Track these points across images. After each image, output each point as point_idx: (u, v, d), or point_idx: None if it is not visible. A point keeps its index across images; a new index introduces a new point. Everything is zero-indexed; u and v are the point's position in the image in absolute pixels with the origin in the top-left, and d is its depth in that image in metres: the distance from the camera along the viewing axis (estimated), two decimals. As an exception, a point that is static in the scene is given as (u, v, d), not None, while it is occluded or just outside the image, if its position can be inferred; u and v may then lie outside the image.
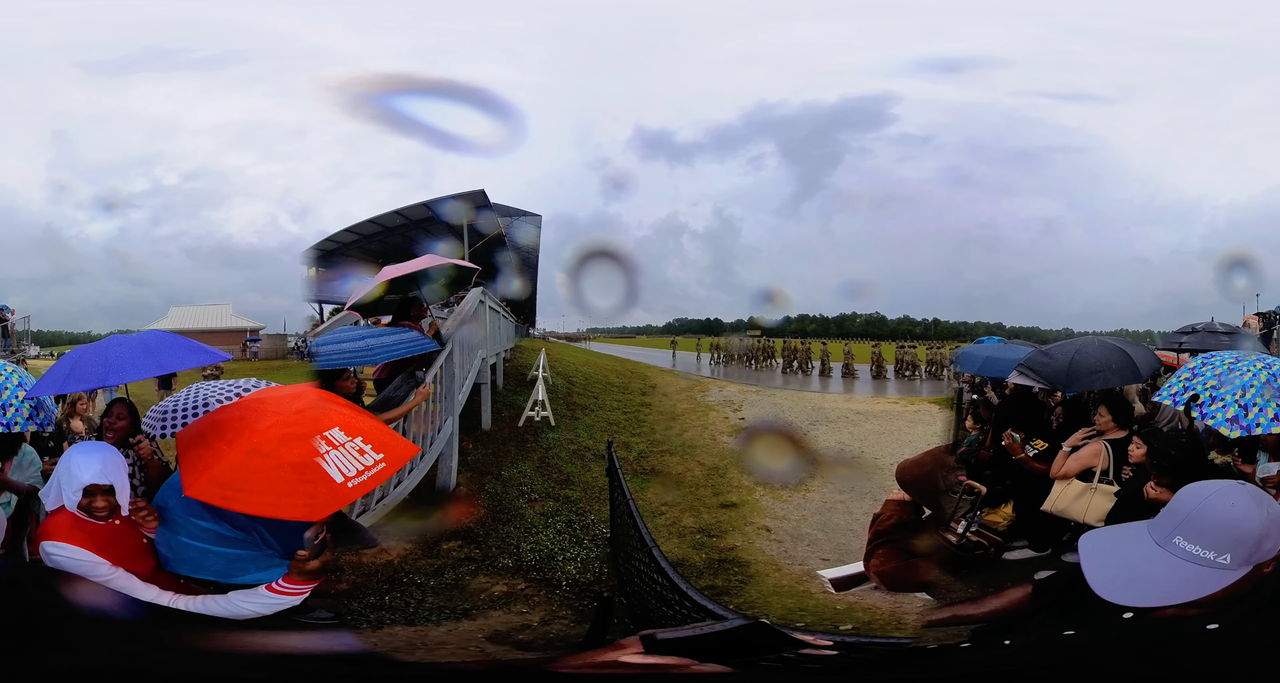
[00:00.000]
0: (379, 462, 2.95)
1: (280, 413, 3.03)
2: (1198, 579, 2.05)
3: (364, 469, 2.90)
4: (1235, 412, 3.69)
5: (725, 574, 5.72)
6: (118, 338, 3.80)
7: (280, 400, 3.20)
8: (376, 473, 2.93)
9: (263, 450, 2.86)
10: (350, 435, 2.97)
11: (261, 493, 2.78)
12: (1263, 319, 6.86)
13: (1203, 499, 2.15)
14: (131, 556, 2.96)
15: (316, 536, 2.89)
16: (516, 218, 8.94)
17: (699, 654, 2.53)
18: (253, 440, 2.89)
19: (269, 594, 2.87)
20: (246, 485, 2.79)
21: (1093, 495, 4.30)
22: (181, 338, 3.88)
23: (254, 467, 2.82)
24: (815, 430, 8.04)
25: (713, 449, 7.88)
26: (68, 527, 2.91)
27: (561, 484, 6.96)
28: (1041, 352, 5.03)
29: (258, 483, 2.79)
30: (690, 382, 9.63)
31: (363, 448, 2.95)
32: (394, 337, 5.36)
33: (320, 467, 2.83)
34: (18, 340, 7.53)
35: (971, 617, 2.95)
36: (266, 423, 2.97)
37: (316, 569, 2.88)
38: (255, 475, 2.80)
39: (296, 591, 2.89)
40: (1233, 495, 2.14)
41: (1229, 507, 2.11)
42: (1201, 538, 2.08)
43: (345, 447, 2.93)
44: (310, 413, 3.04)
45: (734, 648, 2.72)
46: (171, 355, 3.70)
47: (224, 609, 2.89)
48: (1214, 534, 2.08)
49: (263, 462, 2.83)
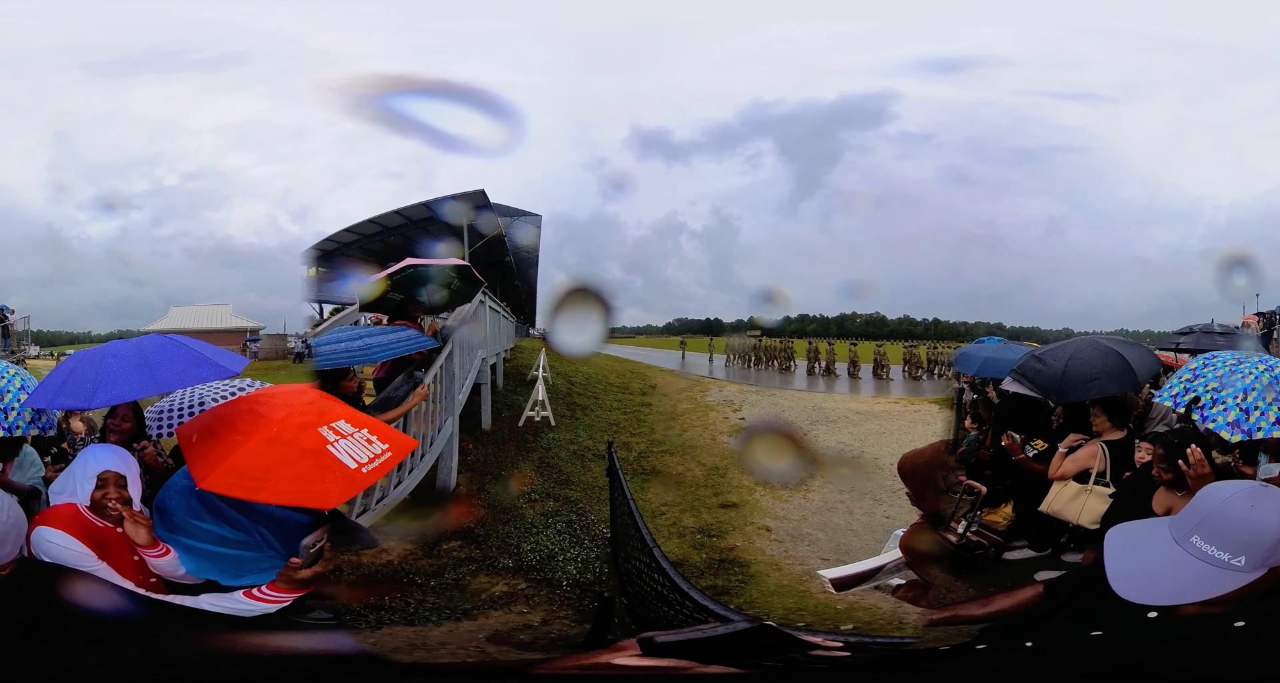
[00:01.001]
0: (386, 451, 3.00)
1: (293, 405, 3.07)
2: (1208, 579, 2.03)
3: (374, 457, 2.94)
4: (1236, 415, 3.65)
5: (726, 574, 5.73)
6: (114, 346, 3.49)
7: (289, 394, 3.25)
8: (385, 460, 2.98)
9: (283, 438, 2.86)
10: (356, 427, 3.02)
11: (285, 481, 2.77)
12: (1262, 319, 6.86)
13: (1224, 499, 2.13)
14: (122, 565, 2.94)
15: (315, 544, 2.81)
16: (517, 218, 8.94)
17: (701, 656, 2.52)
18: (271, 430, 2.90)
19: (244, 600, 2.80)
20: (268, 474, 2.77)
21: (1088, 497, 4.29)
22: (185, 347, 3.51)
23: (276, 455, 2.81)
24: (815, 430, 8.05)
25: (713, 449, 7.88)
26: (66, 518, 2.91)
27: (561, 484, 6.97)
28: (1035, 357, 4.84)
29: (281, 471, 2.78)
30: (690, 382, 9.63)
31: (370, 438, 3.00)
32: (391, 336, 5.36)
33: (333, 454, 2.85)
34: (18, 340, 7.53)
35: (976, 617, 2.93)
36: (283, 413, 2.99)
37: (306, 579, 2.81)
38: (277, 464, 2.79)
39: (278, 598, 2.80)
40: (1255, 497, 2.12)
41: (1249, 509, 2.08)
42: (1218, 538, 2.06)
43: (354, 437, 2.97)
44: (320, 405, 3.12)
45: (739, 650, 2.71)
46: (169, 372, 3.34)
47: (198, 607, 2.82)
48: (1231, 535, 2.06)
49: (285, 450, 2.83)
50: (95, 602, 2.72)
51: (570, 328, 6.47)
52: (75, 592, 2.69)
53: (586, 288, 6.42)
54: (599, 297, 6.40)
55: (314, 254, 8.23)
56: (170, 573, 3.05)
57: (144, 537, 2.96)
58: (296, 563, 2.79)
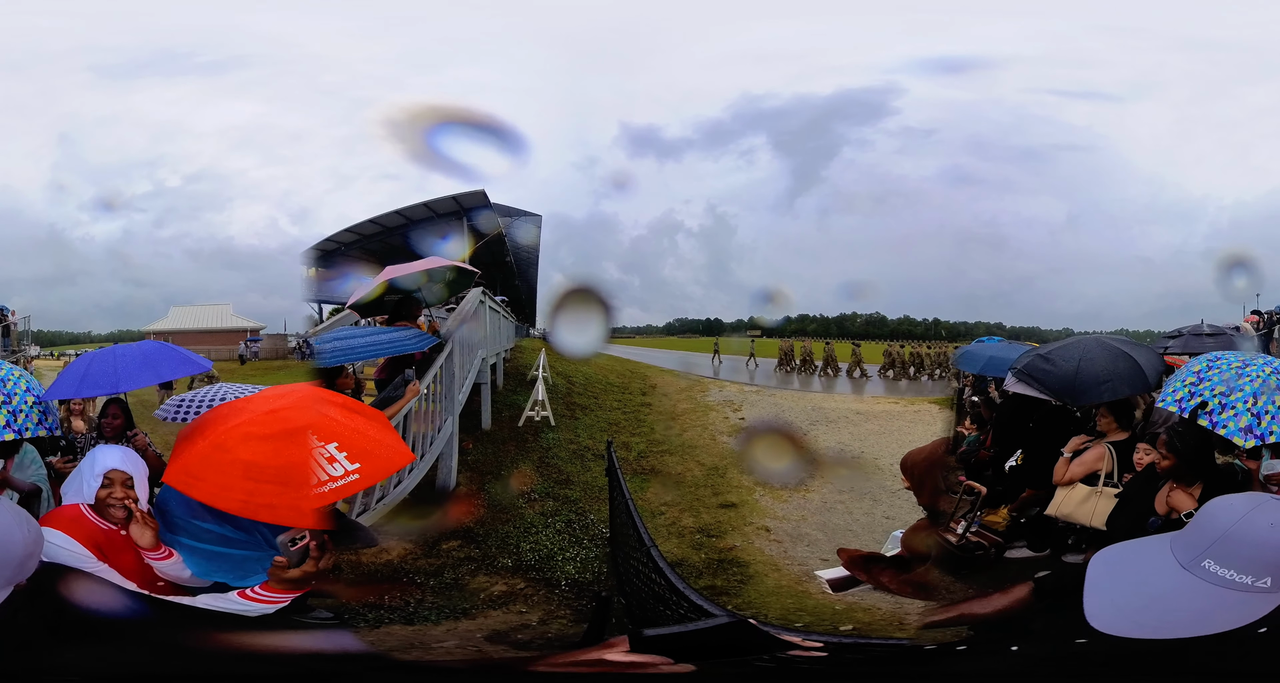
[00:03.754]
0: (350, 473, 2.85)
1: (251, 412, 3.07)
2: (1235, 606, 1.83)
3: (332, 478, 2.82)
4: (1249, 421, 3.56)
5: (724, 574, 5.72)
6: (121, 348, 4.52)
7: (261, 400, 3.24)
8: (342, 485, 2.83)
9: (225, 445, 2.90)
10: (324, 441, 2.88)
11: (212, 483, 2.85)
12: (1262, 319, 6.84)
13: (1239, 517, 1.93)
14: (125, 567, 2.96)
15: (293, 541, 2.77)
16: (517, 218, 8.95)
17: (686, 651, 2.52)
18: (219, 436, 2.95)
19: (238, 600, 2.80)
20: (202, 475, 2.86)
21: (1098, 499, 4.23)
22: (173, 349, 4.62)
23: (213, 460, 2.88)
24: (815, 430, 8.04)
25: (713, 449, 7.87)
26: (69, 520, 2.93)
27: (561, 484, 6.97)
28: (1042, 357, 4.69)
29: (210, 474, 2.86)
30: (690, 382, 9.61)
31: (334, 455, 2.86)
32: (390, 335, 5.38)
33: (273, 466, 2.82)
34: (18, 340, 7.56)
35: (974, 616, 2.91)
36: (235, 421, 3.01)
37: (297, 579, 2.79)
38: (210, 467, 2.87)
39: (272, 599, 2.79)
40: (1270, 512, 1.94)
41: (1268, 526, 1.89)
42: (1238, 561, 1.87)
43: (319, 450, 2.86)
44: (284, 414, 3.00)
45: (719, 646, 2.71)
46: (167, 366, 4.47)
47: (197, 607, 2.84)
48: (1251, 556, 1.87)
49: (220, 456, 2.87)
50: (95, 602, 2.74)
51: (570, 329, 6.47)
52: (75, 592, 2.71)
53: (585, 288, 6.42)
54: (598, 297, 6.40)
55: (314, 254, 8.25)
56: (175, 576, 3.06)
57: (149, 539, 2.98)
58: (282, 562, 2.77)
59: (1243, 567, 1.86)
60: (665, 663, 2.45)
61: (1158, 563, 1.96)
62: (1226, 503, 2.02)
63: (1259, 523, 1.91)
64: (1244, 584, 1.85)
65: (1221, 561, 1.89)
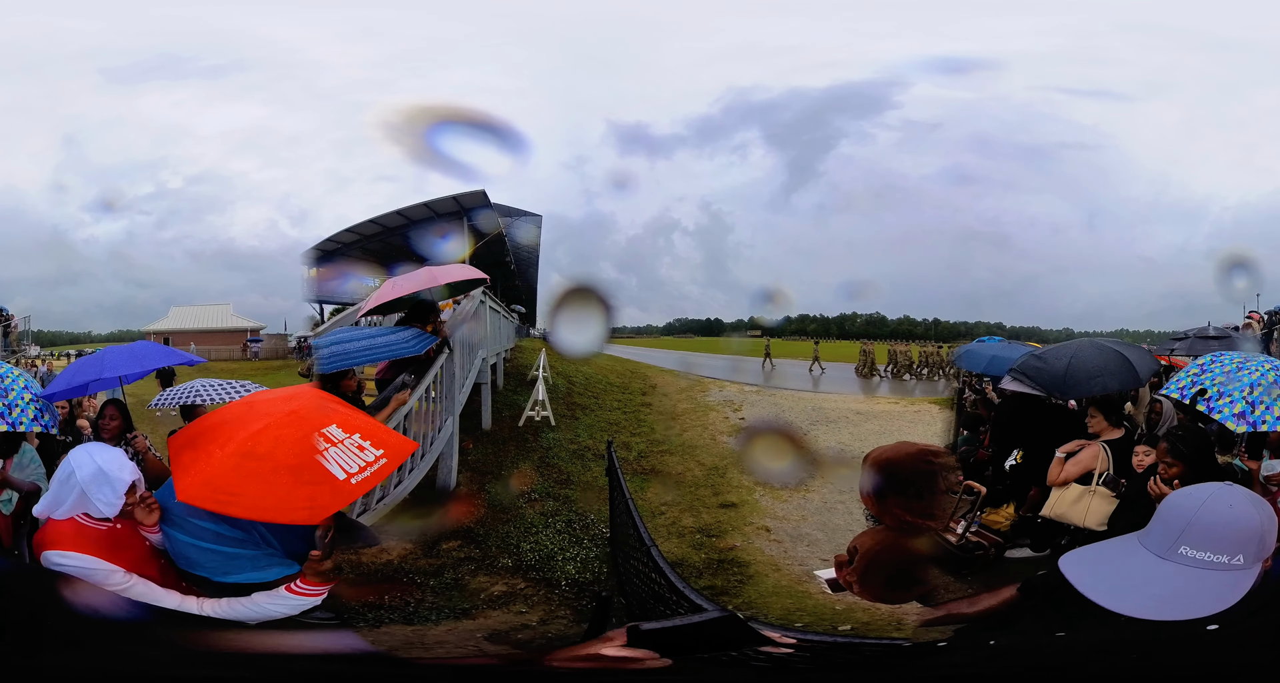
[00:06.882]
0: (380, 458, 2.92)
1: (272, 415, 2.99)
2: (1224, 585, 1.99)
3: (365, 465, 2.87)
4: (1243, 407, 3.75)
5: (724, 574, 5.72)
6: (113, 349, 5.03)
7: (272, 402, 3.18)
8: (379, 469, 2.90)
9: (256, 454, 2.81)
10: (348, 432, 2.93)
11: (257, 497, 2.74)
12: (1263, 319, 6.84)
13: (1200, 504, 2.11)
14: (140, 560, 2.94)
15: (325, 534, 2.87)
16: (517, 218, 8.94)
17: (680, 646, 2.53)
18: (246, 444, 2.85)
19: (289, 596, 2.86)
20: (241, 490, 2.74)
21: (1092, 498, 4.26)
22: (158, 346, 5.41)
23: (248, 470, 2.77)
24: (815, 430, 8.03)
25: (713, 449, 7.87)
26: (73, 535, 2.86)
27: (561, 484, 6.97)
28: (1035, 356, 4.88)
29: (253, 488, 2.75)
30: (690, 382, 9.61)
31: (362, 444, 2.92)
32: (392, 336, 5.37)
33: (321, 465, 2.80)
34: (17, 340, 7.58)
35: (967, 615, 2.93)
36: (259, 426, 2.93)
37: (329, 571, 2.88)
38: (249, 480, 2.76)
39: (315, 592, 2.88)
40: (1226, 496, 2.13)
41: (1228, 507, 2.08)
42: (1209, 542, 2.04)
43: (344, 444, 2.90)
44: (303, 413, 3.01)
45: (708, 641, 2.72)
46: (151, 357, 4.99)
47: (250, 612, 2.86)
48: (1221, 536, 2.04)
49: (257, 465, 2.79)
50: (94, 602, 2.73)
51: (570, 329, 6.47)
52: (69, 596, 2.70)
53: (584, 288, 6.41)
54: (598, 297, 6.39)
55: (315, 255, 8.26)
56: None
57: (154, 518, 3.01)
58: (317, 555, 2.86)
59: (1217, 547, 2.03)
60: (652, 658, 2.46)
61: (1133, 559, 2.10)
62: (1185, 494, 2.20)
63: (1219, 507, 2.08)
64: (1222, 564, 2.01)
65: (1196, 545, 2.04)
